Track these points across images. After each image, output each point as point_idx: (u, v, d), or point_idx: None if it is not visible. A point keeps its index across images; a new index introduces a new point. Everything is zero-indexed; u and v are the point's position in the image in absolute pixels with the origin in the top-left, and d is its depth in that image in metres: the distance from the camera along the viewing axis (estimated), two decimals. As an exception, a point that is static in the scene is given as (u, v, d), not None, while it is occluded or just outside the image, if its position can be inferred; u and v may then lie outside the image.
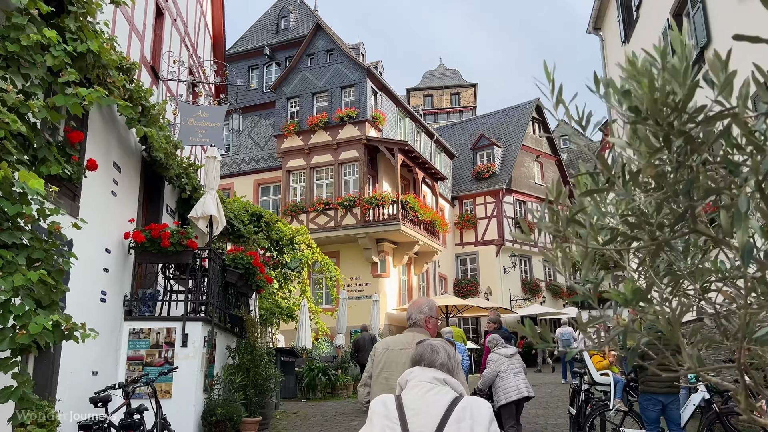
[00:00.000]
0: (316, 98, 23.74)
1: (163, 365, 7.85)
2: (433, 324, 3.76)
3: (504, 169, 30.94)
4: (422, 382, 2.15)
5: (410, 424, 1.99)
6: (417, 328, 3.70)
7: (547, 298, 30.88)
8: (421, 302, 3.82)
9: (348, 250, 22.28)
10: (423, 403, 2.05)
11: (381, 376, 3.55)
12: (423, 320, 3.71)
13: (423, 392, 2.10)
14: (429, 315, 3.73)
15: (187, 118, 9.44)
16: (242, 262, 9.01)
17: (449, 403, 2.04)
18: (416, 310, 3.75)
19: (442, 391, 2.11)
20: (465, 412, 2.01)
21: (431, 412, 2.00)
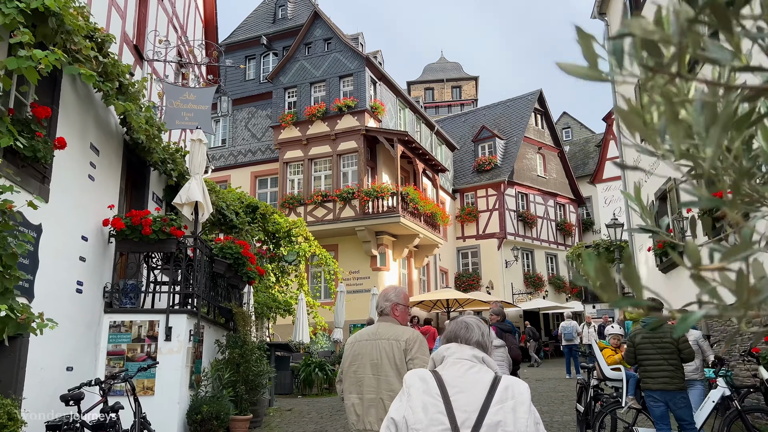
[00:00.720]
0: (314, 88, 23.24)
1: (145, 360, 7.39)
2: (401, 311, 3.60)
3: (506, 162, 30.43)
4: (462, 359, 2.11)
5: (454, 402, 1.96)
6: (385, 317, 3.58)
7: (549, 292, 30.41)
8: (387, 290, 3.72)
9: (347, 243, 21.82)
10: (465, 381, 2.02)
11: (350, 369, 3.45)
12: (389, 308, 3.57)
13: (464, 370, 2.06)
14: (395, 302, 3.57)
15: (173, 101, 8.96)
16: (230, 251, 8.53)
17: (491, 383, 2.02)
18: (382, 298, 3.64)
19: (482, 370, 2.08)
20: (507, 392, 1.99)
21: (475, 391, 1.98)
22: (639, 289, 0.81)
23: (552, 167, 32.55)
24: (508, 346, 8.09)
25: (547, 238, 31.30)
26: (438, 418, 1.93)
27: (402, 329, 3.45)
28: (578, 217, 33.69)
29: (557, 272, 31.33)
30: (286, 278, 18.59)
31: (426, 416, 1.94)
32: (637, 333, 5.95)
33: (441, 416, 1.93)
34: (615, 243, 16.67)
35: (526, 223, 30.14)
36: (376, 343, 3.41)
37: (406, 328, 3.48)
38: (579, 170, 35.64)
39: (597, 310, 21.40)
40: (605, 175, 26.39)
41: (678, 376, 5.66)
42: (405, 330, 3.45)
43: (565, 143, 38.50)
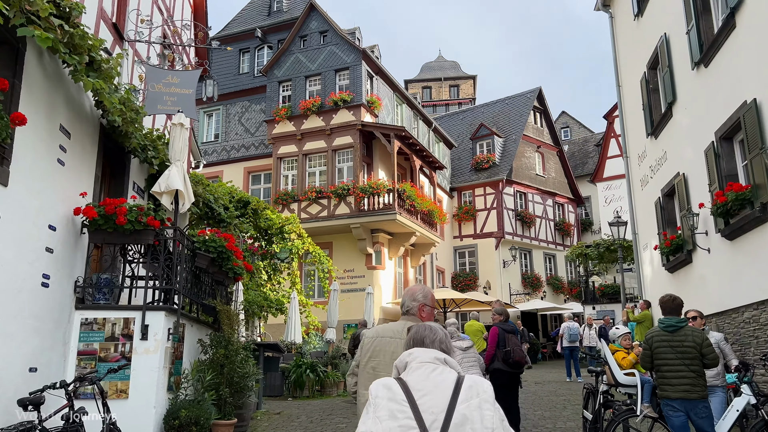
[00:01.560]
0: (309, 82, 22.67)
1: (119, 360, 6.83)
2: (428, 312, 3.53)
3: (504, 160, 29.92)
4: (425, 362, 2.15)
5: (420, 405, 1.98)
6: (410, 316, 3.51)
7: (547, 292, 29.92)
8: (415, 290, 3.61)
9: (342, 240, 21.26)
10: (430, 384, 2.05)
11: (368, 365, 3.39)
12: (416, 308, 3.50)
13: (428, 372, 2.10)
14: (423, 303, 3.51)
15: (155, 84, 8.38)
16: (214, 245, 7.97)
17: (455, 383, 2.06)
18: (409, 297, 3.56)
19: (445, 371, 2.12)
20: (472, 390, 2.04)
21: (439, 392, 2.01)
22: None
23: (551, 166, 32.06)
24: (510, 348, 7.57)
25: (545, 237, 30.81)
26: (407, 423, 1.95)
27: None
28: (577, 217, 33.21)
29: (555, 273, 30.84)
30: (278, 276, 18.06)
31: (395, 423, 1.95)
32: (654, 335, 5.41)
33: (409, 421, 1.95)
34: (617, 242, 16.16)
35: (525, 223, 29.64)
36: (401, 342, 3.18)
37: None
38: (578, 170, 35.17)
39: (597, 312, 20.90)
40: (606, 173, 25.92)
41: (700, 383, 5.13)
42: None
43: (564, 143, 38.02)
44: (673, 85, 11.25)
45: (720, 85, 9.14)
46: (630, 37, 14.47)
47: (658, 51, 11.99)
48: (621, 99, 15.45)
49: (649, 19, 12.69)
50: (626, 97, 15.09)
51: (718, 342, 6.31)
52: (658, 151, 12.47)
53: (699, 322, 6.38)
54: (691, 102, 10.51)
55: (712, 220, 9.36)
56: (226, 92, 24.92)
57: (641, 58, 13.32)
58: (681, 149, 11.06)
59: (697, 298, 9.87)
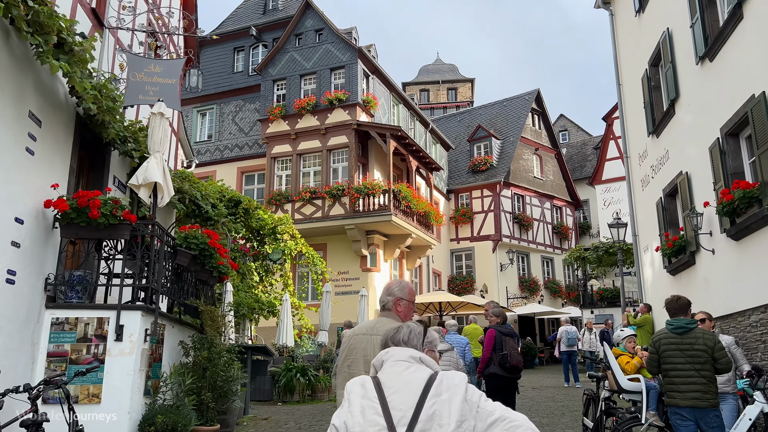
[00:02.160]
0: (304, 80, 22.31)
1: (91, 363, 6.43)
2: (404, 307, 3.38)
3: (502, 162, 29.57)
4: (399, 361, 2.17)
5: (390, 402, 2.01)
6: (386, 312, 3.38)
7: (545, 296, 29.54)
8: (391, 284, 3.48)
9: (336, 242, 20.87)
10: (401, 381, 2.07)
11: (344, 364, 3.26)
12: (392, 302, 3.36)
13: (401, 370, 2.12)
14: (398, 297, 3.37)
15: (136, 73, 8.02)
16: (195, 241, 7.57)
17: (426, 380, 2.06)
18: (385, 292, 3.44)
19: (419, 369, 2.13)
20: (442, 385, 2.04)
21: (409, 390, 2.03)
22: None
23: (549, 169, 31.73)
24: (508, 352, 7.19)
25: (543, 241, 30.44)
26: (374, 419, 1.97)
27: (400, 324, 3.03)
28: (575, 220, 32.86)
29: (553, 276, 30.47)
30: (270, 278, 17.68)
31: (364, 419, 1.99)
32: (662, 337, 5.03)
33: (377, 417, 1.98)
34: (617, 244, 15.79)
35: (522, 226, 29.28)
36: (371, 339, 3.16)
37: (404, 323, 2.98)
38: (576, 173, 34.84)
39: (595, 316, 20.52)
40: (605, 176, 25.57)
41: (711, 390, 4.75)
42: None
43: (562, 146, 37.69)
44: (675, 81, 10.91)
45: (726, 80, 8.80)
46: (631, 35, 14.14)
47: (661, 47, 11.65)
48: (621, 98, 15.11)
49: (651, 14, 12.36)
50: (627, 96, 14.75)
51: (729, 346, 5.93)
52: (660, 150, 12.12)
53: (708, 324, 6.01)
54: (694, 98, 10.17)
55: (717, 220, 9.00)
56: (220, 91, 24.59)
57: (642, 55, 12.99)
58: (684, 147, 10.72)
59: (700, 301, 9.49)
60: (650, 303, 13.22)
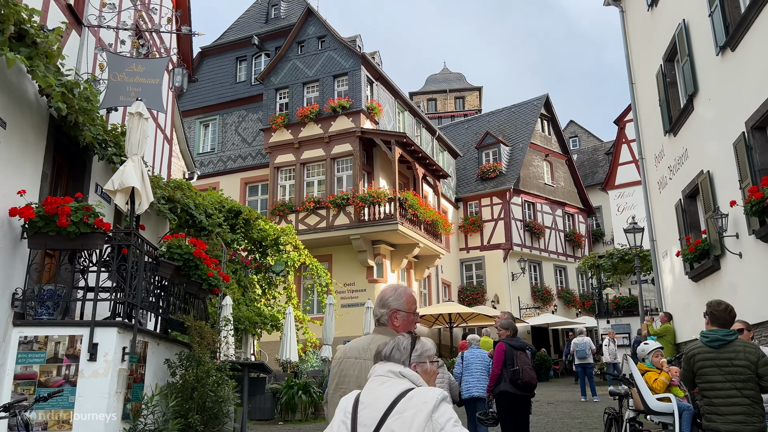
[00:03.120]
0: (307, 88, 21.85)
1: (62, 385, 5.87)
2: (403, 320, 2.80)
3: (511, 169, 28.94)
4: (378, 376, 2.14)
5: (359, 418, 2.02)
6: (381, 327, 2.84)
7: (559, 306, 28.74)
8: (385, 292, 2.91)
9: (342, 253, 20.28)
10: (373, 397, 2.06)
11: (336, 393, 2.71)
12: (387, 316, 2.81)
13: (377, 385, 2.10)
14: (395, 309, 2.81)
15: (117, 73, 7.53)
16: (179, 251, 7.02)
17: (397, 395, 2.01)
18: (379, 303, 2.87)
19: (395, 384, 2.08)
20: (410, 402, 1.98)
21: (378, 405, 2.01)
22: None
23: (560, 175, 31.04)
24: (519, 367, 6.55)
25: (555, 249, 29.70)
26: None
27: None
28: (588, 227, 32.09)
29: (567, 285, 29.68)
30: (273, 290, 17.12)
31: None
32: (696, 352, 4.39)
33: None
34: (633, 250, 15.08)
35: (533, 234, 28.58)
36: (365, 364, 2.62)
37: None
38: (588, 179, 34.11)
39: (611, 326, 19.73)
40: (618, 180, 24.84)
41: (757, 412, 4.09)
42: None
43: (573, 152, 36.99)
44: (693, 75, 10.28)
45: (749, 69, 8.16)
46: (643, 30, 13.53)
47: (676, 40, 11.04)
48: (635, 98, 14.48)
49: (665, 7, 11.76)
50: (640, 95, 14.11)
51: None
52: (678, 149, 11.47)
53: (747, 334, 5.35)
54: (715, 92, 9.53)
55: (745, 221, 8.33)
56: (223, 101, 24.21)
57: (656, 50, 12.37)
58: (704, 145, 10.06)
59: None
60: (670, 311, 12.50)
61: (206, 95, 24.61)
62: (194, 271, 7.29)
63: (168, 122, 11.42)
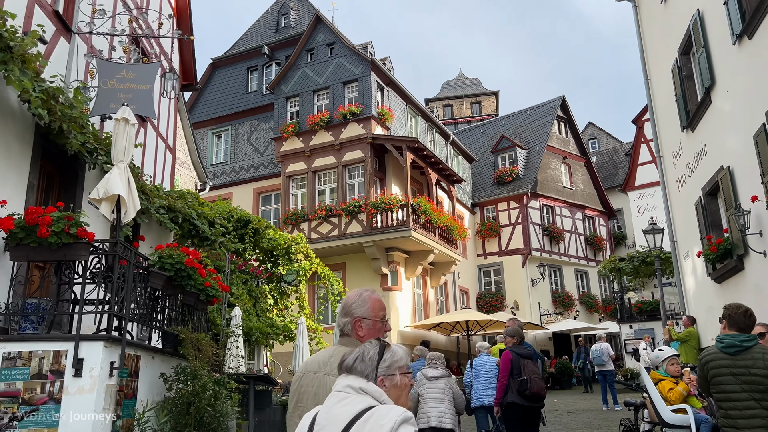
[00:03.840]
0: (317, 96, 21.68)
1: (46, 403, 5.64)
2: (368, 329, 2.52)
3: (528, 172, 28.43)
4: (336, 392, 1.92)
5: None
6: (345, 338, 2.57)
7: (581, 311, 28.09)
8: (348, 299, 2.62)
9: (355, 261, 19.99)
10: (329, 416, 1.86)
11: (295, 413, 2.48)
12: (350, 325, 2.55)
13: (333, 403, 1.90)
14: (358, 317, 2.54)
15: (108, 80, 7.35)
16: (170, 261, 6.78)
17: (353, 416, 1.79)
18: (341, 311, 2.62)
19: (354, 401, 1.85)
20: (367, 423, 1.77)
21: (333, 427, 1.82)
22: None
23: (578, 178, 30.44)
24: (527, 377, 6.18)
25: (575, 253, 29.08)
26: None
27: None
28: (609, 230, 31.39)
29: (588, 290, 29.01)
30: (285, 300, 16.90)
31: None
32: (710, 358, 3.99)
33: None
34: (653, 252, 14.54)
35: (553, 238, 28.00)
36: (324, 380, 2.41)
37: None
38: (608, 181, 33.42)
39: (634, 331, 19.14)
40: (638, 181, 24.22)
41: (779, 423, 3.69)
42: None
43: (592, 154, 36.33)
44: (710, 66, 9.82)
45: (769, 57, 7.72)
46: (657, 24, 13.09)
47: (691, 31, 10.59)
48: (650, 94, 14.00)
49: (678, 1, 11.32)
50: (656, 91, 13.64)
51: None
52: (696, 144, 10.99)
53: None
54: (733, 83, 9.07)
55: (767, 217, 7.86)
56: (235, 111, 24.16)
57: (671, 44, 11.92)
58: (724, 139, 9.59)
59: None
60: (694, 315, 11.97)
61: (218, 106, 24.60)
62: (187, 281, 7.04)
63: (170, 131, 11.26)
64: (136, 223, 9.31)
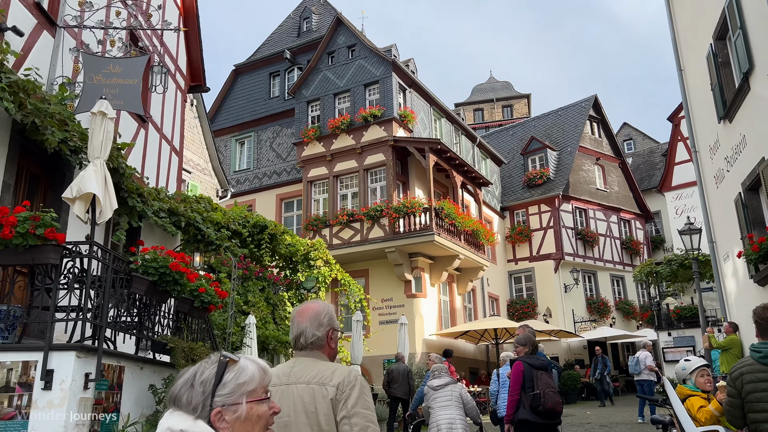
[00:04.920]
0: (338, 99, 21.28)
1: (13, 418, 5.24)
2: (336, 340, 2.40)
3: (560, 174, 27.48)
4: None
5: None
6: (313, 352, 2.34)
7: (617, 318, 26.93)
8: (317, 310, 2.40)
9: (378, 267, 19.43)
10: None
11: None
12: (324, 336, 2.35)
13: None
14: (333, 327, 2.40)
15: (93, 75, 7.00)
16: (154, 265, 6.34)
17: None
18: (314, 323, 2.34)
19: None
20: None
21: None
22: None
23: (613, 179, 29.32)
24: (541, 391, 5.51)
25: (611, 258, 27.94)
26: None
27: (330, 367, 2.28)
28: (646, 234, 30.12)
29: (625, 296, 27.82)
30: (305, 308, 16.44)
31: None
32: (745, 371, 3.31)
33: None
34: (691, 253, 13.59)
35: (586, 242, 26.95)
36: (289, 391, 2.22)
37: (337, 366, 2.30)
38: (644, 183, 32.13)
39: (673, 339, 18.07)
40: (675, 181, 23.10)
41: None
42: (336, 368, 2.27)
43: (628, 155, 35.07)
44: (748, 50, 9.00)
45: (814, 32, 6.92)
46: (690, 10, 12.25)
47: (726, 14, 9.77)
48: (685, 86, 13.12)
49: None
50: (690, 82, 12.77)
51: None
52: (735, 136, 10.13)
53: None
54: (773, 65, 8.25)
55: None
56: (257, 117, 23.94)
57: (705, 29, 11.08)
58: (764, 128, 8.75)
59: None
60: (736, 321, 11.03)
61: (241, 113, 24.43)
62: (173, 286, 6.58)
63: (176, 133, 10.93)
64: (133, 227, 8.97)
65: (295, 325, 2.39)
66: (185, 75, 11.39)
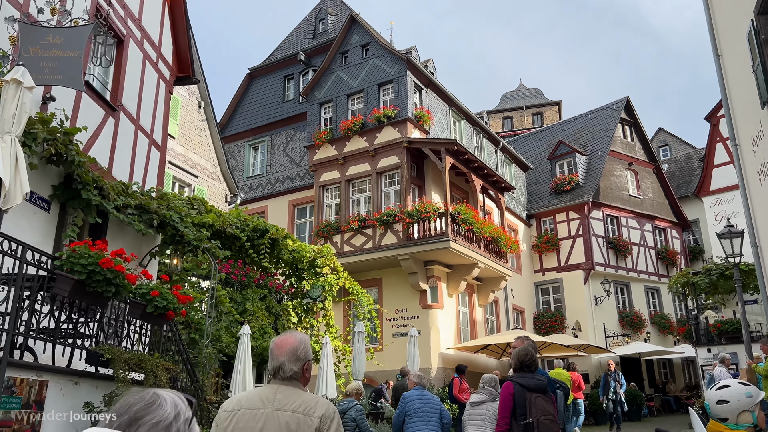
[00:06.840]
0: (351, 100, 20.38)
1: None
2: (310, 369, 2.60)
3: (589, 180, 26.02)
4: None
5: None
6: (291, 381, 2.51)
7: (652, 333, 25.21)
8: (293, 344, 2.54)
9: (392, 276, 18.35)
10: None
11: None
12: (300, 369, 2.53)
13: None
14: (309, 360, 2.58)
15: (30, 47, 6.15)
16: (81, 262, 5.39)
17: None
18: (291, 357, 2.50)
19: None
20: None
21: None
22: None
23: (647, 186, 27.69)
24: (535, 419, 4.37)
25: (645, 268, 26.26)
26: None
27: (313, 398, 2.48)
28: (683, 243, 28.33)
29: (661, 309, 26.09)
30: (311, 318, 15.50)
31: None
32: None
33: None
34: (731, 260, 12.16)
35: (618, 252, 25.36)
36: (274, 416, 2.38)
37: (318, 397, 2.51)
38: (681, 190, 30.35)
39: (713, 355, 16.47)
40: (714, 185, 21.47)
41: None
42: (318, 400, 2.48)
43: (663, 162, 33.32)
44: (796, 18, 7.73)
45: None
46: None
47: (769, -19, 8.51)
48: (722, 73, 11.78)
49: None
50: (729, 68, 11.44)
51: None
52: (783, 122, 8.81)
53: None
54: (829, 31, 6.97)
55: None
56: (271, 121, 23.22)
57: (744, 5, 9.80)
58: (818, 107, 7.45)
59: None
60: (786, 337, 9.62)
61: (255, 117, 23.76)
62: (105, 286, 5.62)
63: (157, 126, 10.08)
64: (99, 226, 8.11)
65: (273, 357, 2.52)
66: (170, 65, 10.58)
